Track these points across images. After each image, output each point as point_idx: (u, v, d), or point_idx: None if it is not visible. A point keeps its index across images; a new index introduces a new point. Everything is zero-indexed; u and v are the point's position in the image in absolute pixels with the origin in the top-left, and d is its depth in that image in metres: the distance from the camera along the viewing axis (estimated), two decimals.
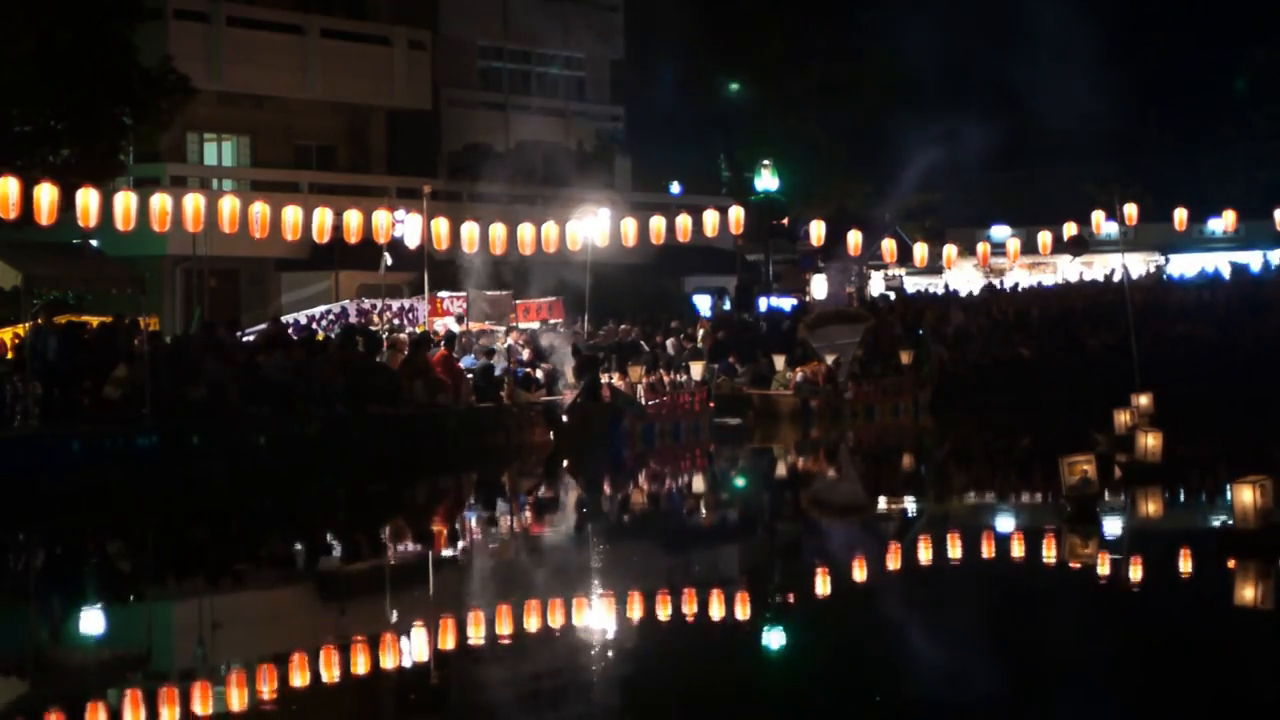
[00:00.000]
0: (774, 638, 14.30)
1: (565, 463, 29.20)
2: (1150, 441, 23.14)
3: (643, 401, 33.02)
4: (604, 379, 32.88)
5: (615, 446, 31.10)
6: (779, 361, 37.96)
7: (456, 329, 34.83)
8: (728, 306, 47.79)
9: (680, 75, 58.13)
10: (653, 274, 47.32)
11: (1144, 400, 27.50)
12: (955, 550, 18.45)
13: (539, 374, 33.28)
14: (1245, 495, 16.32)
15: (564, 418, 31.44)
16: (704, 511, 23.88)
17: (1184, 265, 51.63)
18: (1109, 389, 28.83)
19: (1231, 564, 16.31)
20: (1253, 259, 49.86)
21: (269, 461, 27.03)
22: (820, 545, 20.15)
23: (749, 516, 23.36)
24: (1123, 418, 26.71)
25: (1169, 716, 11.52)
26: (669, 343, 38.27)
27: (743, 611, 15.13)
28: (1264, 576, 15.91)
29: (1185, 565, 17.22)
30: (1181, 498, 22.98)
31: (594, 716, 11.67)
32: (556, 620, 14.56)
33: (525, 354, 34.01)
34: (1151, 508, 21.63)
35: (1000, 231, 50.67)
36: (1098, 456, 20.44)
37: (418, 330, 34.04)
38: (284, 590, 17.65)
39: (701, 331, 38.08)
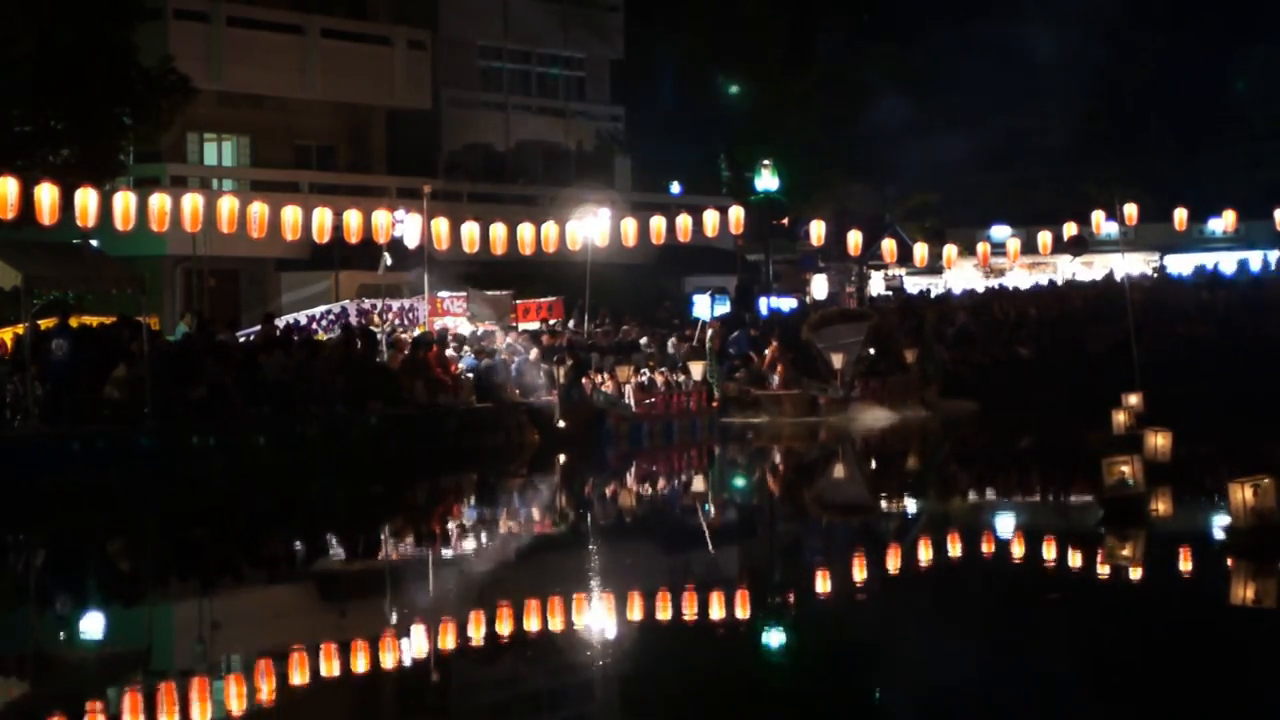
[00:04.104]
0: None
1: (550, 463, 29.21)
2: (1160, 441, 22.99)
3: (630, 402, 33.08)
4: (591, 379, 32.98)
5: (600, 447, 31.18)
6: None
7: (468, 329, 34.84)
8: (728, 307, 47.74)
9: (680, 75, 58.13)
10: (653, 274, 47.30)
11: (1134, 399, 27.47)
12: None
13: (540, 375, 33.29)
14: (1238, 495, 16.33)
15: (552, 419, 31.61)
16: (684, 512, 23.81)
17: (1184, 265, 51.60)
18: (1109, 389, 28.82)
19: (1230, 563, 16.33)
20: (1253, 259, 49.84)
21: (269, 461, 27.03)
22: (800, 546, 20.15)
23: (733, 517, 23.32)
24: (1120, 418, 26.70)
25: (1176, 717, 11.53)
26: (670, 342, 38.26)
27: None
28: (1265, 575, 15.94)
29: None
30: (1200, 497, 22.77)
31: (581, 715, 11.70)
32: (538, 620, 14.58)
33: (533, 354, 33.99)
34: (1173, 508, 21.26)
35: (1000, 231, 50.64)
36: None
37: (418, 330, 34.04)
38: (284, 590, 17.65)
39: (710, 331, 38.08)
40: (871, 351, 38.64)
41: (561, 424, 31.66)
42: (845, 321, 39.42)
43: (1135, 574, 17.13)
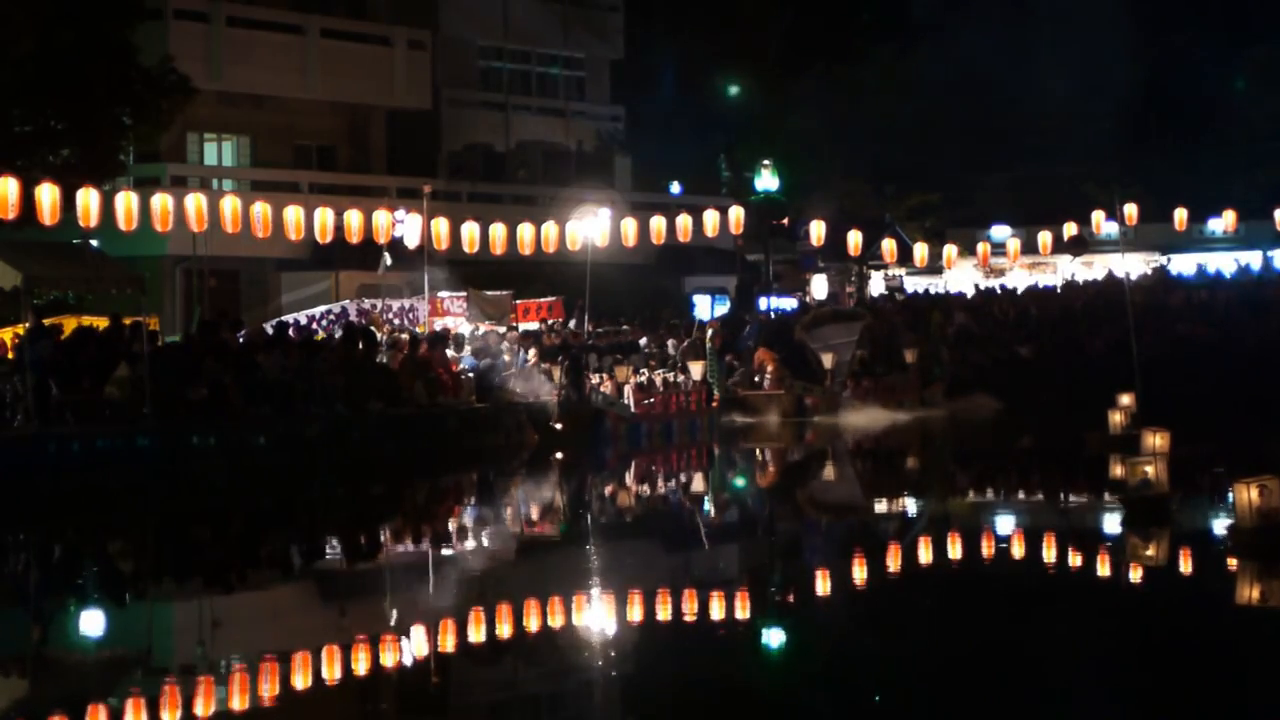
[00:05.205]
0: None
1: (549, 464, 29.25)
2: (1158, 441, 22.90)
3: (629, 402, 33.08)
4: (589, 379, 32.99)
5: (598, 448, 31.19)
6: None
7: (467, 329, 34.85)
8: (727, 307, 47.77)
9: (680, 75, 58.17)
10: (653, 274, 47.34)
11: (1126, 399, 27.44)
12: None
13: (539, 375, 33.29)
14: (1243, 495, 16.33)
15: (551, 419, 31.65)
16: (679, 511, 23.80)
17: (1184, 265, 51.63)
18: (1109, 389, 28.80)
19: (1233, 562, 16.33)
20: (1253, 259, 49.84)
21: (269, 461, 27.02)
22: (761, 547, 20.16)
23: (721, 516, 23.32)
24: (1116, 418, 26.67)
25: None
26: (670, 342, 38.27)
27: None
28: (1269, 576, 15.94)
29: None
30: (1206, 497, 22.63)
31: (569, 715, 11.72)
32: (537, 620, 14.59)
33: (532, 354, 34.01)
34: (1182, 509, 21.18)
35: (1000, 231, 50.67)
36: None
37: (418, 330, 34.05)
38: (283, 590, 17.65)
39: (710, 331, 38.10)
40: (860, 354, 38.60)
41: (560, 424, 31.69)
42: (837, 322, 39.44)
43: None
